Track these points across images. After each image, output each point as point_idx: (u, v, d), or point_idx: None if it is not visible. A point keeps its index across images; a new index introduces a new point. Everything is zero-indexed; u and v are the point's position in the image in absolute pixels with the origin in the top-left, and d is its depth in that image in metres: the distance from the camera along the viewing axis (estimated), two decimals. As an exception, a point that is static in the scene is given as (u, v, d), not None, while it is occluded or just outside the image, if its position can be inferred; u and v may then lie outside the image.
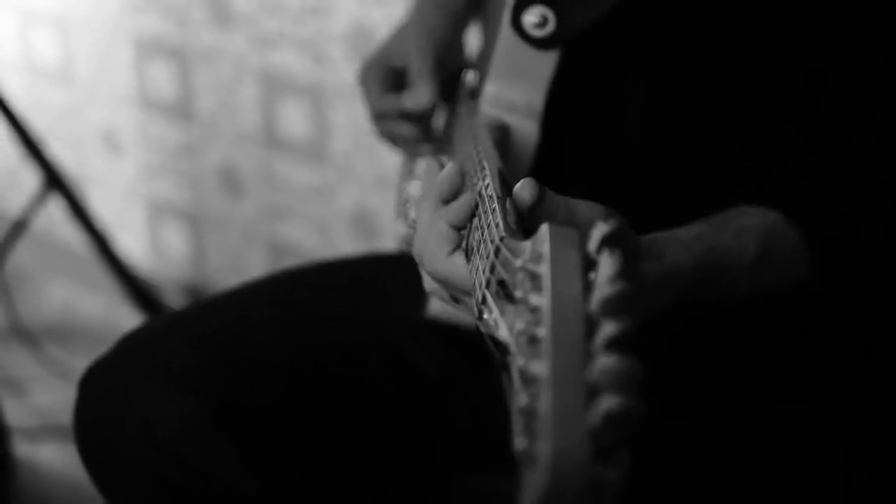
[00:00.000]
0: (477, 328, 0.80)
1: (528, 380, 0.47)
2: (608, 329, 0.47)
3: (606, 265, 0.50)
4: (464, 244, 0.69)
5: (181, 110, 2.10)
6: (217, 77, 2.00)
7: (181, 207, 2.22)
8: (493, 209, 0.64)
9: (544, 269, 0.52)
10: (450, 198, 0.71)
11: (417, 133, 1.02)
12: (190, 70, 2.04)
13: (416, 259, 0.72)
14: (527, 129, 0.88)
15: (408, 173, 1.09)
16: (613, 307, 0.48)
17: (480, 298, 0.61)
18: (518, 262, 0.55)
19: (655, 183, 0.90)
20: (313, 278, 1.09)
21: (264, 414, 0.94)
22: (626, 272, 0.50)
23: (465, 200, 0.69)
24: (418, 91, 0.99)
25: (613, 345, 0.46)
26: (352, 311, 1.03)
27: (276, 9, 1.86)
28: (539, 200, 0.65)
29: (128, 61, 2.14)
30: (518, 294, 0.54)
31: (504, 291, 0.57)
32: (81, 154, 2.33)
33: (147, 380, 0.92)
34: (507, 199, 0.65)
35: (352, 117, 1.82)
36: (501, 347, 0.55)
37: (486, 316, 0.60)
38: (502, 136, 0.87)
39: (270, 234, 2.07)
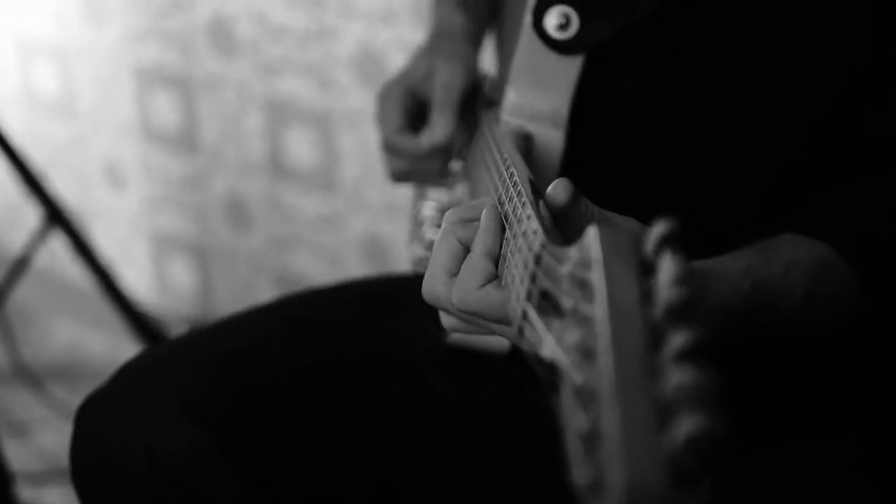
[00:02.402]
0: (508, 353, 0.74)
1: (587, 399, 0.42)
2: (678, 339, 0.42)
3: (668, 267, 0.45)
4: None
5: (185, 141, 2.08)
6: (221, 106, 1.98)
7: (187, 240, 2.19)
8: (529, 216, 0.59)
9: (596, 276, 0.47)
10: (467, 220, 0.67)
11: (435, 170, 0.98)
12: (193, 99, 2.02)
13: (431, 300, 0.68)
14: (551, 139, 0.84)
15: (421, 195, 1.05)
16: (680, 314, 0.43)
17: (521, 314, 0.56)
18: (564, 270, 0.50)
19: (689, 195, 0.85)
20: (324, 300, 1.04)
21: (274, 441, 0.89)
22: (689, 277, 0.45)
23: (488, 221, 0.65)
24: (436, 126, 0.94)
25: (685, 356, 0.41)
26: (366, 332, 0.98)
27: (280, 34, 1.83)
28: (573, 202, 0.62)
29: (129, 92, 2.13)
30: (566, 305, 0.48)
31: (548, 304, 0.52)
32: (84, 188, 2.32)
33: (149, 406, 0.87)
34: (541, 203, 0.61)
35: (360, 143, 1.80)
36: (548, 366, 0.50)
37: (527, 333, 0.55)
38: (526, 146, 0.82)
39: (279, 266, 2.03)
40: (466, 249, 0.67)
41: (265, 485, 0.87)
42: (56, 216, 1.77)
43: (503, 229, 0.64)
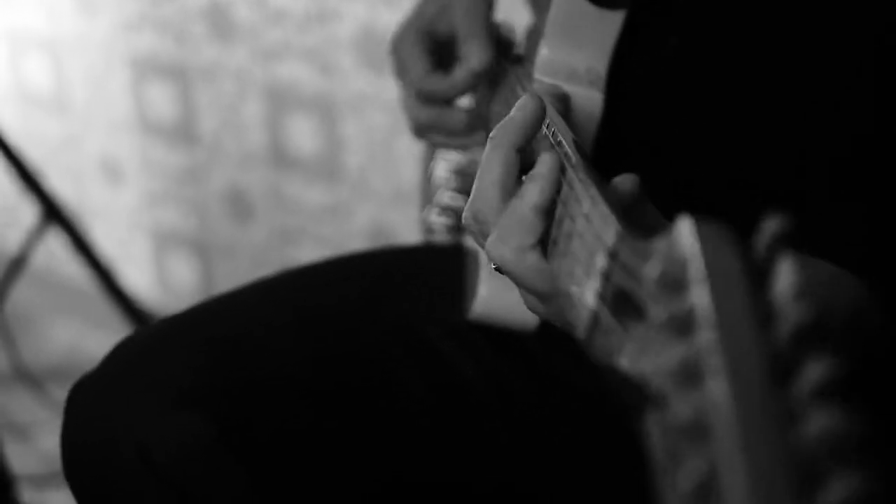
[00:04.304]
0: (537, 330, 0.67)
1: (697, 439, 0.33)
2: (815, 369, 0.33)
3: (787, 275, 0.36)
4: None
5: (183, 133, 2.05)
6: (219, 95, 1.95)
7: (187, 236, 2.16)
8: (593, 197, 0.51)
9: (696, 280, 0.38)
10: (527, 146, 0.60)
11: (468, 119, 0.90)
12: (190, 89, 1.99)
13: (471, 227, 0.61)
14: (589, 99, 0.77)
15: (432, 156, 0.99)
16: (814, 336, 0.34)
17: (590, 319, 0.48)
18: (650, 269, 0.41)
19: (733, 172, 0.79)
20: (331, 274, 0.97)
21: (278, 433, 0.83)
22: (817, 285, 0.37)
23: (548, 168, 0.58)
24: (471, 55, 0.86)
25: (827, 393, 0.32)
26: (376, 310, 0.92)
27: (280, 17, 1.80)
28: (641, 197, 0.55)
29: (124, 84, 2.10)
30: (656, 313, 0.40)
31: (627, 307, 0.44)
32: (81, 185, 2.29)
33: (142, 395, 0.82)
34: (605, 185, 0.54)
35: (364, 129, 1.77)
36: (632, 384, 0.41)
37: (597, 339, 0.47)
38: (563, 108, 0.76)
39: (283, 260, 2.01)
40: (525, 168, 0.60)
41: (270, 481, 0.81)
42: (53, 213, 1.76)
43: (560, 186, 0.57)
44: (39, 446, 1.91)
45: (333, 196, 1.87)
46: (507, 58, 0.90)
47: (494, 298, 0.80)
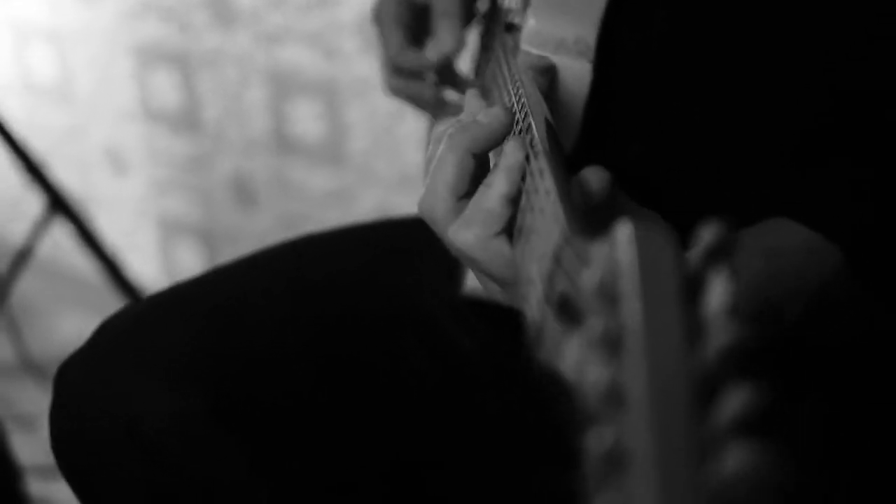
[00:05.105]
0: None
1: (615, 467, 0.33)
2: (735, 401, 0.32)
3: (720, 293, 0.36)
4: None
5: (187, 120, 2.04)
6: (222, 81, 1.94)
7: (193, 224, 2.16)
8: (548, 190, 0.50)
9: (628, 293, 0.37)
10: (486, 148, 0.60)
11: (437, 93, 0.92)
12: (193, 76, 1.98)
13: (426, 219, 0.61)
14: (577, 70, 0.76)
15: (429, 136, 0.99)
16: (739, 361, 0.34)
17: (538, 317, 0.48)
18: (589, 276, 0.40)
19: (721, 144, 0.77)
20: (328, 246, 0.96)
21: (273, 407, 0.81)
22: (748, 303, 0.36)
23: (515, 160, 0.57)
24: (442, 36, 0.88)
25: (745, 429, 0.32)
26: (376, 282, 0.91)
27: (281, 2, 1.79)
28: (609, 194, 0.54)
29: (128, 72, 2.09)
30: (590, 322, 0.38)
31: (569, 312, 0.43)
32: (85, 175, 2.29)
33: (132, 369, 0.80)
34: (566, 179, 0.52)
35: (368, 113, 1.75)
36: (567, 391, 0.40)
37: (545, 343, 0.46)
38: (549, 80, 0.75)
39: (289, 246, 1.98)
40: (478, 172, 0.60)
41: (265, 454, 0.79)
42: (58, 203, 1.75)
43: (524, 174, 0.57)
44: (46, 437, 1.88)
45: (338, 181, 1.86)
46: (498, 24, 0.90)
47: None
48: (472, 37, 0.98)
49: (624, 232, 0.39)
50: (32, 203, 1.94)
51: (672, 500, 0.31)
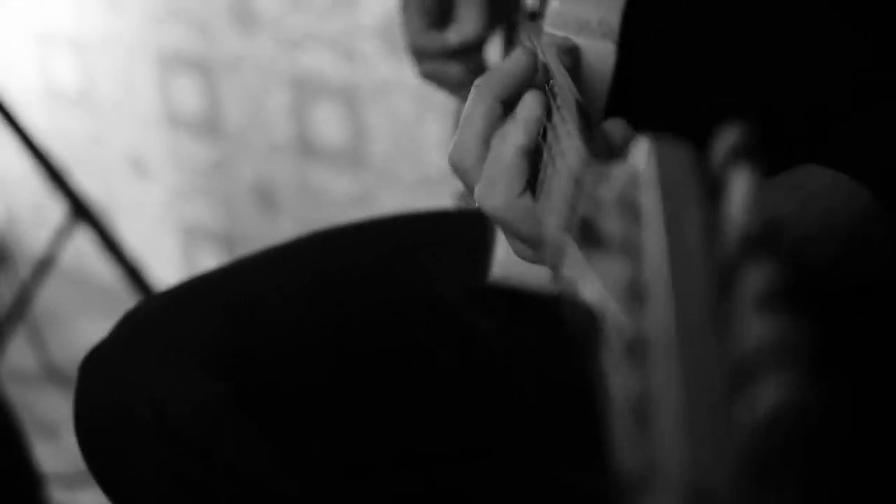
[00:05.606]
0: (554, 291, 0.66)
1: (639, 355, 0.33)
2: (758, 277, 0.32)
3: (742, 185, 0.35)
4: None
5: (208, 125, 2.04)
6: (244, 86, 1.94)
7: (215, 230, 2.16)
8: (569, 132, 0.51)
9: (648, 197, 0.37)
10: (512, 92, 0.60)
11: (464, 73, 0.93)
12: (215, 81, 1.99)
13: (457, 172, 0.61)
14: (601, 51, 0.75)
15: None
16: (760, 244, 0.33)
17: (557, 248, 0.48)
18: (609, 192, 0.40)
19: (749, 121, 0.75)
20: (351, 238, 0.95)
21: (295, 395, 0.81)
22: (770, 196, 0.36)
23: (532, 111, 0.57)
24: (463, 21, 0.89)
25: (768, 301, 0.31)
26: (397, 272, 0.90)
27: (302, 5, 1.79)
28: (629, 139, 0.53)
29: (150, 78, 2.10)
30: (612, 233, 0.38)
31: (591, 236, 0.43)
32: (108, 181, 2.30)
33: (155, 357, 0.79)
34: (590, 129, 0.53)
35: (390, 117, 1.75)
36: (591, 313, 0.41)
37: (566, 272, 0.46)
38: (572, 61, 0.74)
39: (311, 252, 1.98)
40: (506, 117, 0.59)
41: (287, 442, 0.79)
42: (80, 210, 1.75)
43: (545, 131, 0.56)
44: (69, 445, 1.87)
45: (360, 185, 1.85)
46: (522, 16, 0.89)
47: (512, 259, 0.80)
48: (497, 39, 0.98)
49: (642, 144, 0.40)
50: (55, 210, 1.94)
51: (694, 345, 0.31)
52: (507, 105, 0.61)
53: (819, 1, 0.73)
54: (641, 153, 0.40)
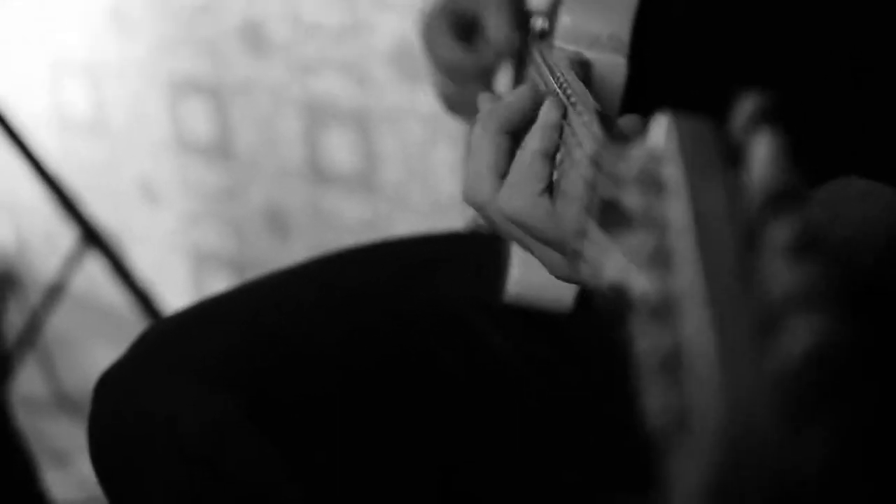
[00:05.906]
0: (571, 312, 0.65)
1: (666, 315, 0.33)
2: (783, 230, 0.32)
3: (763, 147, 0.36)
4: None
5: (219, 151, 2.04)
6: (255, 111, 1.93)
7: (226, 255, 2.15)
8: (586, 122, 0.52)
9: (671, 169, 0.38)
10: (517, 125, 0.61)
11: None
12: (226, 106, 1.98)
13: (472, 205, 0.62)
14: (612, 65, 0.75)
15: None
16: (784, 200, 0.34)
17: (578, 232, 0.48)
18: (629, 169, 0.41)
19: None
20: (365, 258, 0.96)
21: (311, 410, 0.81)
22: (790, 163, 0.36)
23: (549, 116, 0.58)
24: (494, 30, 0.90)
25: (796, 250, 0.32)
26: (411, 290, 0.90)
27: (314, 30, 1.78)
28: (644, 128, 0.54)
29: (162, 104, 2.10)
30: (635, 208, 0.39)
31: (614, 216, 0.43)
32: (119, 207, 2.29)
33: (169, 373, 0.79)
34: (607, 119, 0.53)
35: (401, 142, 1.73)
36: (616, 292, 0.40)
37: (587, 255, 0.47)
38: (584, 75, 0.74)
39: (322, 277, 1.97)
40: (514, 148, 0.60)
41: (301, 459, 0.78)
42: (91, 237, 1.75)
43: (561, 131, 0.57)
44: (79, 472, 1.88)
45: (372, 210, 1.84)
46: (533, 37, 0.91)
47: (527, 278, 0.80)
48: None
49: (661, 119, 0.40)
50: (65, 236, 1.94)
51: (724, 293, 0.31)
52: (514, 136, 0.62)
53: (830, 9, 0.73)
54: (661, 129, 0.40)
